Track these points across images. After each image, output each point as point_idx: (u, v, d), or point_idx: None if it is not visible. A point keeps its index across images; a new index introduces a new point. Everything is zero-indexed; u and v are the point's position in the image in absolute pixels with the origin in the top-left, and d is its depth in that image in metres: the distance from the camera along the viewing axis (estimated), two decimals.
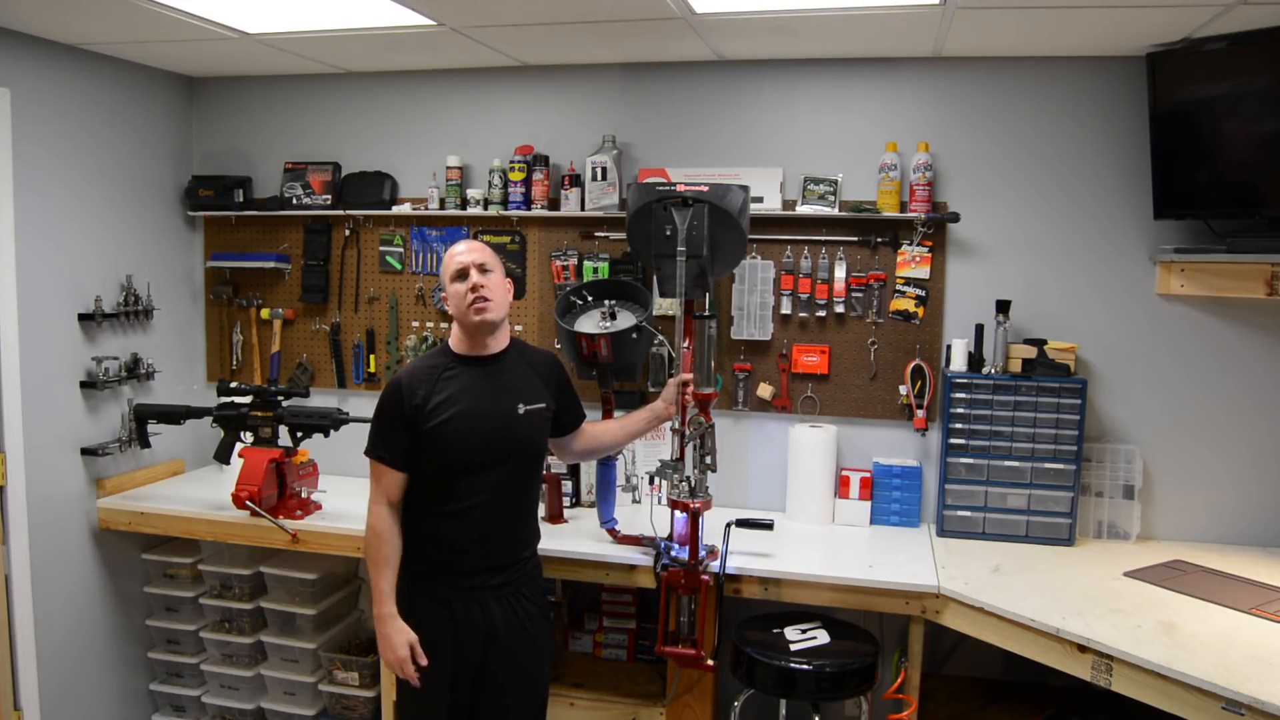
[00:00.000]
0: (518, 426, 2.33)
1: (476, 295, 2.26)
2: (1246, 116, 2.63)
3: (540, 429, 2.40)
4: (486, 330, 2.31)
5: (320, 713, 3.28)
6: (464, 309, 2.28)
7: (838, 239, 3.12)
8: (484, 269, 2.30)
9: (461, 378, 2.31)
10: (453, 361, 2.34)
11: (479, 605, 2.30)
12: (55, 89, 3.03)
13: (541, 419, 2.39)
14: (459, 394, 2.28)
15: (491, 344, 2.35)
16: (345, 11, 2.66)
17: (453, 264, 2.31)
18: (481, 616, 2.30)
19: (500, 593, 2.33)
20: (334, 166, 3.51)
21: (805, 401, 3.20)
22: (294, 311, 3.62)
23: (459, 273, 2.29)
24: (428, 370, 2.32)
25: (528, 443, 2.36)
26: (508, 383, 2.34)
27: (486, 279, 2.29)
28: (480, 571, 2.31)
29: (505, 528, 2.35)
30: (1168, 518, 2.98)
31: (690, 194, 2.58)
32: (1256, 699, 1.88)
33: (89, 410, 3.20)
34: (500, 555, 2.33)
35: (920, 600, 2.56)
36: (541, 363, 2.46)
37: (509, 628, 2.33)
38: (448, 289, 2.32)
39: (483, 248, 2.35)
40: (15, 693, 2.97)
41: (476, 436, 2.27)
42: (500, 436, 2.30)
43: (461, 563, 2.30)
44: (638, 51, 3.10)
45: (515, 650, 2.34)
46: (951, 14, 2.52)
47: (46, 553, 3.05)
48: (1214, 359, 2.92)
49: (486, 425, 2.28)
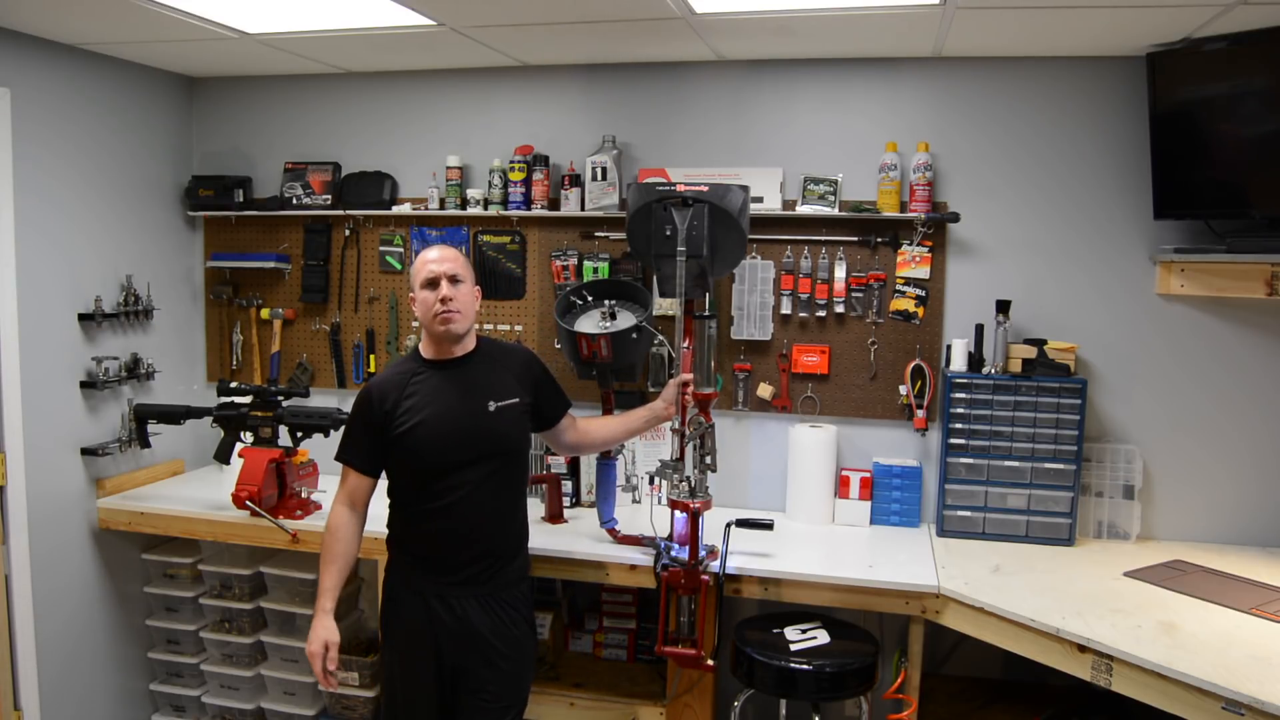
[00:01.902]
0: (488, 424, 2.33)
1: (445, 308, 2.28)
2: (1246, 116, 2.63)
3: (516, 424, 2.39)
4: (451, 339, 2.33)
5: (320, 713, 3.28)
6: (430, 318, 2.30)
7: (838, 239, 3.12)
8: (455, 280, 2.31)
9: (430, 381, 2.33)
10: (421, 366, 2.36)
11: (459, 605, 2.31)
12: (55, 89, 3.03)
13: (516, 414, 2.39)
14: (427, 398, 2.30)
15: (457, 349, 2.37)
16: (345, 11, 2.66)
17: (424, 271, 2.31)
18: (462, 616, 2.30)
19: (482, 591, 2.33)
20: (334, 166, 3.51)
21: (805, 401, 3.20)
22: (294, 311, 3.62)
23: (429, 281, 2.30)
24: (397, 377, 2.35)
25: (502, 439, 2.35)
26: (476, 382, 2.35)
27: (456, 290, 2.29)
28: (460, 569, 2.31)
29: (487, 526, 2.34)
30: (1168, 518, 2.98)
31: (690, 194, 2.58)
32: (1256, 699, 1.88)
33: (89, 410, 3.20)
34: (482, 554, 2.33)
35: (920, 600, 2.56)
36: (514, 359, 2.46)
37: (489, 629, 2.32)
38: (417, 294, 2.33)
39: (455, 256, 2.36)
40: (15, 693, 2.97)
41: (446, 437, 2.28)
42: (471, 435, 2.30)
43: (443, 561, 2.31)
44: (638, 51, 3.10)
45: (494, 652, 2.33)
46: (951, 14, 2.52)
47: (46, 553, 3.04)
48: (1214, 359, 2.92)
49: (455, 426, 2.29)
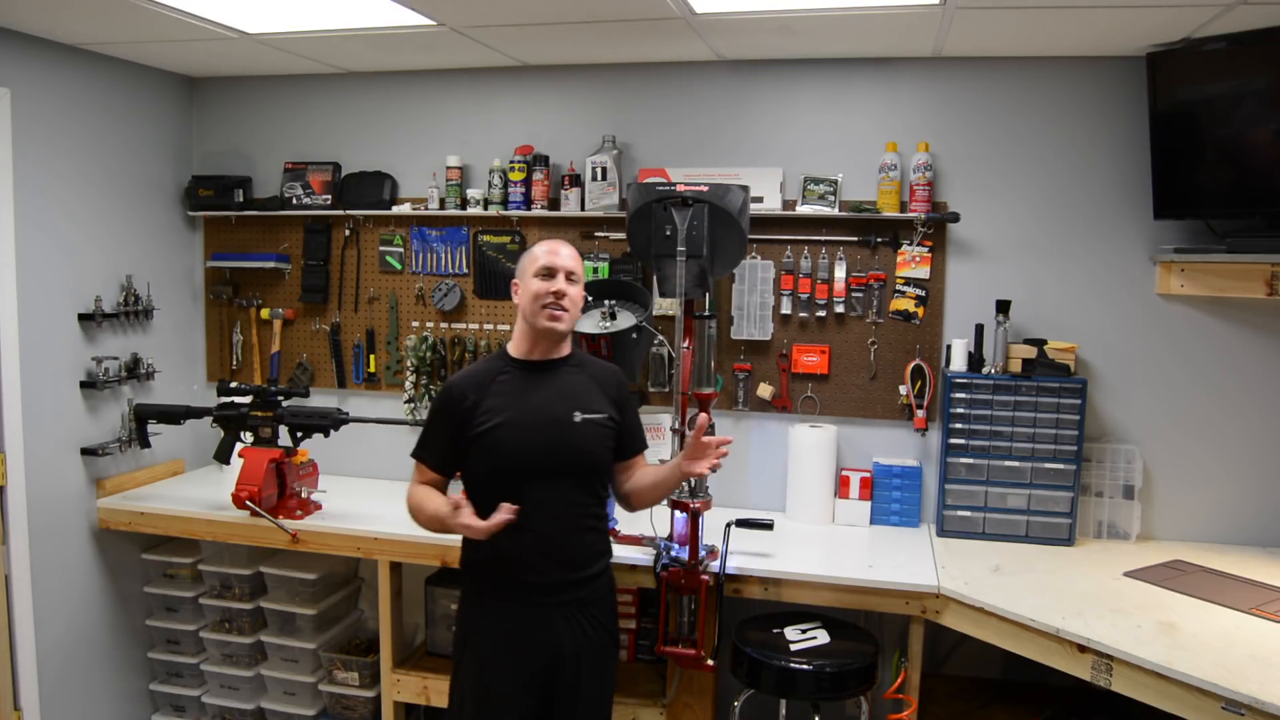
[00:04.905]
0: (572, 435, 2.18)
1: (557, 301, 2.14)
2: (1246, 116, 2.63)
3: (601, 441, 2.23)
4: (552, 337, 2.20)
5: (320, 713, 3.28)
6: (537, 309, 2.15)
7: (838, 239, 3.12)
8: (571, 277, 2.18)
9: (515, 382, 2.19)
10: (508, 366, 2.22)
11: (544, 623, 2.17)
12: (55, 89, 3.03)
13: (601, 430, 2.23)
14: (511, 399, 2.17)
15: (552, 351, 2.23)
16: (345, 11, 2.66)
17: (542, 259, 2.17)
18: (548, 635, 2.17)
19: (567, 610, 2.19)
20: (334, 166, 3.51)
21: (805, 401, 3.20)
22: (294, 311, 3.62)
23: (546, 270, 2.16)
24: (481, 374, 2.21)
25: (584, 453, 2.21)
26: (564, 389, 2.21)
27: (570, 289, 2.17)
28: (544, 587, 2.17)
29: (569, 541, 2.20)
30: (1168, 518, 2.98)
31: (690, 194, 2.58)
32: (1256, 699, 1.88)
33: (89, 410, 3.20)
34: (565, 570, 2.19)
35: (920, 600, 2.56)
36: (608, 375, 2.32)
37: (577, 648, 2.19)
38: (525, 281, 2.17)
39: (575, 255, 2.22)
40: (15, 693, 2.97)
41: (526, 443, 2.15)
42: (553, 444, 2.16)
43: (524, 577, 2.17)
44: (638, 51, 3.10)
45: (582, 671, 2.21)
46: (951, 14, 2.52)
47: (46, 553, 3.05)
48: (1214, 359, 2.92)
49: (537, 432, 2.16)
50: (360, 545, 2.94)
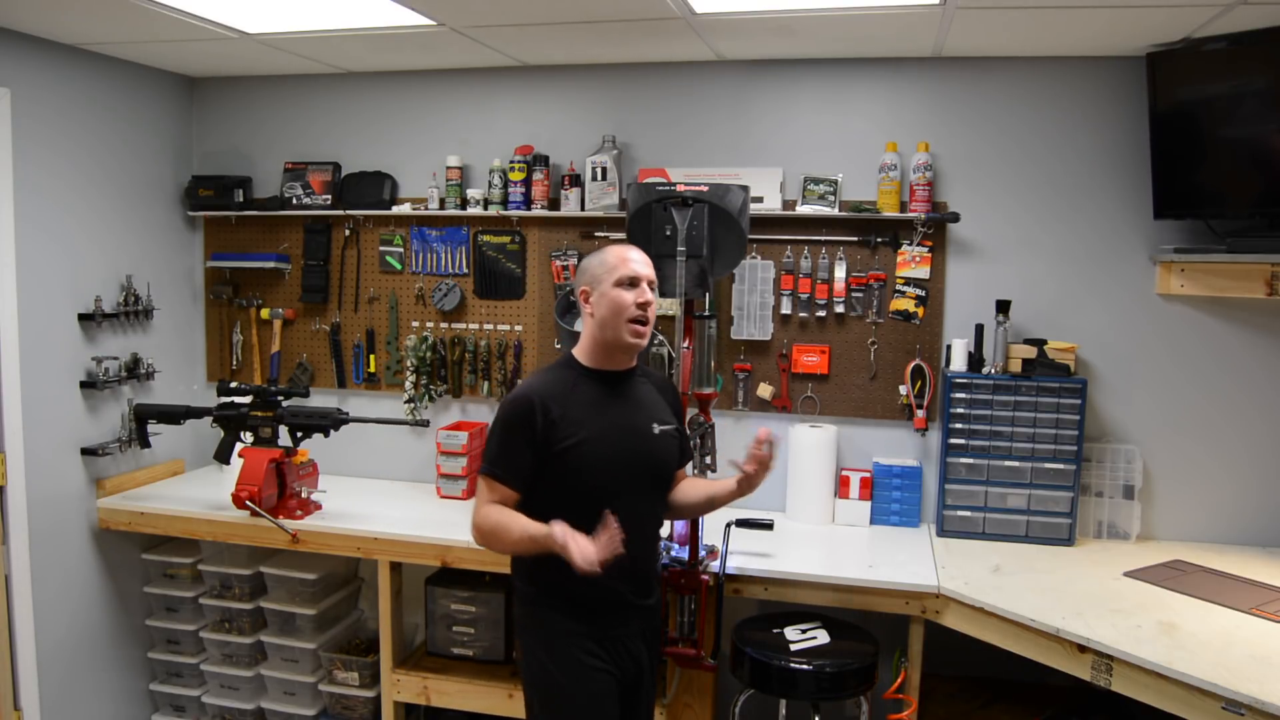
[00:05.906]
0: (653, 447, 2.12)
1: (644, 314, 2.06)
2: (1246, 116, 2.63)
3: (672, 453, 2.18)
4: (633, 351, 2.11)
5: (320, 713, 3.28)
6: (622, 321, 2.04)
7: (838, 239, 3.12)
8: (653, 286, 2.11)
9: (593, 393, 2.08)
10: (582, 376, 2.10)
11: (628, 650, 2.10)
12: (55, 89, 3.03)
13: (672, 441, 2.17)
14: (592, 410, 2.06)
15: (625, 362, 2.15)
16: (345, 11, 2.66)
17: (625, 268, 2.05)
18: (631, 663, 2.11)
19: (646, 632, 2.16)
20: (334, 166, 3.51)
21: (805, 401, 3.20)
22: (294, 311, 3.62)
23: (630, 280, 2.05)
24: (556, 384, 2.07)
25: (664, 465, 2.16)
26: (640, 400, 2.15)
27: (654, 299, 2.10)
28: (628, 611, 2.10)
29: (647, 560, 2.15)
30: (1168, 518, 2.98)
31: (690, 194, 2.58)
32: (1256, 699, 1.88)
33: (89, 410, 3.20)
34: (645, 591, 2.13)
35: (920, 600, 2.56)
36: (667, 386, 2.28)
37: (651, 672, 2.17)
38: (608, 291, 2.05)
39: (649, 261, 2.13)
40: (15, 693, 2.97)
41: (615, 457, 2.05)
42: (638, 457, 2.09)
43: (609, 603, 2.07)
44: (638, 51, 3.10)
45: (651, 696, 2.20)
46: (951, 14, 2.52)
47: (46, 553, 3.04)
48: (1214, 359, 2.92)
49: (624, 445, 2.07)
50: (360, 545, 2.94)
